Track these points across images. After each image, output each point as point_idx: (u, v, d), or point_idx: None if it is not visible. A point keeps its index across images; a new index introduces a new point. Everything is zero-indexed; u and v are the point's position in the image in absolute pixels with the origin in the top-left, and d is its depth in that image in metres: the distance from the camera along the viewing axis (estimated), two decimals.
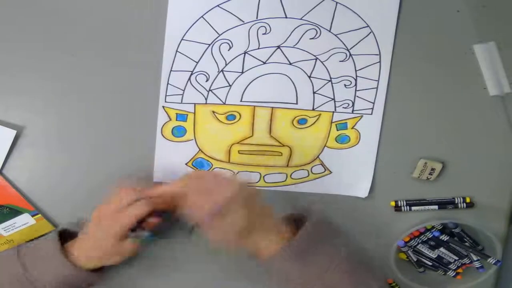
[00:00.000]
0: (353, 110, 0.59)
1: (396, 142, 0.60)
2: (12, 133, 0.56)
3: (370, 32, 0.57)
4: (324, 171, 0.61)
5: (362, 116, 0.59)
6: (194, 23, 0.56)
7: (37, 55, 0.57)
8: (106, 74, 0.57)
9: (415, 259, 0.63)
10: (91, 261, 0.53)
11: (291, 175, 0.61)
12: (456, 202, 0.61)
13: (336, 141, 0.60)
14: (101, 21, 0.56)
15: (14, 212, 0.58)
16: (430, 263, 0.63)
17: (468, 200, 0.60)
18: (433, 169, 0.59)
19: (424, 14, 0.58)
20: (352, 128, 0.59)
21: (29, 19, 0.56)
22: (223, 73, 0.57)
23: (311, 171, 0.61)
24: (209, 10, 0.55)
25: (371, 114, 0.59)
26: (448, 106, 0.59)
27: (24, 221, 0.58)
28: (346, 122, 0.59)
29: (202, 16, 0.56)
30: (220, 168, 0.60)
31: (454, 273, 0.63)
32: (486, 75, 0.58)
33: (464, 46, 0.58)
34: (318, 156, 0.60)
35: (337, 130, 0.60)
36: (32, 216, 0.58)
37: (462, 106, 0.59)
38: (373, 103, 0.59)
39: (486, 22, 0.58)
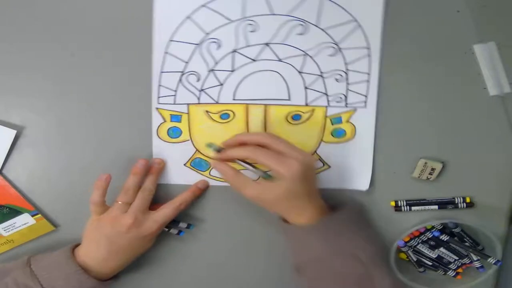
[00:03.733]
0: (346, 104, 0.59)
1: (396, 142, 0.60)
2: (12, 133, 0.56)
3: (357, 26, 0.57)
4: (323, 166, 0.61)
5: (356, 110, 0.59)
6: (181, 23, 0.56)
7: (37, 55, 0.57)
8: (106, 74, 0.58)
9: (415, 259, 0.63)
10: (112, 270, 0.55)
11: None
12: (456, 202, 0.61)
13: (332, 135, 0.60)
14: (99, 22, 0.57)
15: (14, 212, 0.58)
16: (430, 263, 0.63)
17: (468, 200, 0.60)
18: (433, 169, 0.59)
19: (424, 14, 0.58)
20: (347, 122, 0.59)
21: (29, 20, 0.56)
22: (213, 72, 0.57)
23: None
24: (195, 10, 0.56)
25: (365, 107, 0.59)
26: (448, 106, 0.59)
27: (24, 221, 0.58)
28: (340, 116, 0.59)
29: (188, 17, 0.56)
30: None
31: (454, 273, 0.63)
32: (486, 75, 0.58)
33: (464, 46, 0.58)
34: (315, 151, 0.60)
35: (332, 125, 0.60)
36: (32, 216, 0.58)
37: (462, 106, 0.59)
38: (366, 96, 0.59)
39: (486, 22, 0.58)
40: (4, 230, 0.58)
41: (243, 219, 0.61)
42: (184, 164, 0.60)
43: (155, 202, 0.58)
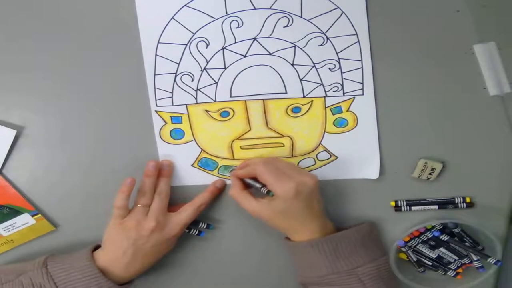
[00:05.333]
0: (343, 93, 0.59)
1: (396, 142, 0.60)
2: (12, 133, 0.56)
3: (341, 13, 0.57)
4: (330, 157, 0.61)
5: (354, 98, 0.59)
6: (166, 25, 0.56)
7: (37, 55, 0.57)
8: (106, 74, 0.58)
9: (415, 259, 0.63)
10: (132, 275, 0.55)
11: (298, 164, 0.61)
12: (456, 202, 0.61)
13: (334, 125, 0.60)
14: (99, 22, 0.57)
15: (14, 212, 0.58)
16: (430, 263, 0.63)
17: (468, 200, 0.60)
18: (433, 169, 0.59)
19: (423, 14, 0.58)
20: (347, 111, 0.59)
21: (29, 20, 0.56)
22: (206, 71, 0.57)
23: (317, 158, 0.61)
24: (178, 11, 0.56)
25: (363, 94, 0.59)
26: (448, 106, 0.59)
27: (24, 221, 0.58)
28: (340, 106, 0.59)
29: (172, 18, 0.56)
30: (225, 166, 0.60)
31: (454, 273, 0.63)
32: (486, 75, 0.58)
33: (464, 46, 0.58)
34: (320, 143, 0.60)
35: (333, 115, 0.60)
36: (32, 216, 0.58)
37: (462, 106, 0.59)
38: (362, 83, 0.59)
39: (486, 22, 0.58)
40: (4, 230, 0.58)
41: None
42: (192, 165, 0.60)
43: (169, 205, 0.58)
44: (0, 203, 0.57)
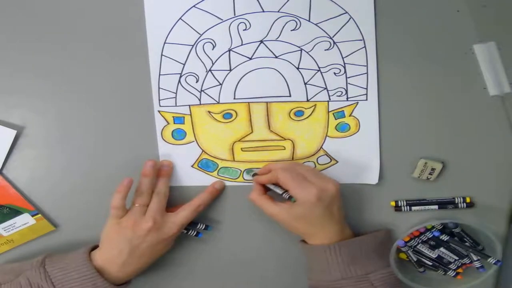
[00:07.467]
0: (347, 98, 0.59)
1: (396, 142, 0.60)
2: (12, 133, 0.56)
3: (349, 18, 0.57)
4: (330, 161, 0.61)
5: (357, 103, 0.59)
6: (174, 25, 0.56)
7: (37, 55, 0.57)
8: (106, 74, 0.58)
9: (415, 259, 0.63)
10: (128, 275, 0.55)
11: None
12: (456, 202, 0.61)
13: (336, 130, 0.60)
14: (100, 22, 0.57)
15: (14, 212, 0.58)
16: (430, 263, 0.63)
17: (468, 200, 0.60)
18: (433, 169, 0.59)
19: (424, 14, 0.58)
20: (350, 115, 0.59)
21: (29, 20, 0.56)
22: (211, 72, 0.57)
23: (318, 162, 0.61)
24: (186, 12, 0.56)
25: (366, 100, 0.59)
26: (448, 106, 0.59)
27: (24, 221, 0.58)
28: (343, 110, 0.59)
29: (180, 18, 0.56)
30: (225, 167, 0.60)
31: (454, 273, 0.63)
32: (486, 75, 0.58)
33: (464, 46, 0.58)
34: (321, 147, 0.60)
35: (336, 119, 0.60)
36: (32, 216, 0.58)
37: (462, 106, 0.59)
38: (366, 88, 0.59)
39: (486, 22, 0.58)
40: (4, 230, 0.58)
41: (259, 219, 0.60)
42: (192, 166, 0.60)
43: (168, 205, 0.58)
44: (0, 203, 0.57)
